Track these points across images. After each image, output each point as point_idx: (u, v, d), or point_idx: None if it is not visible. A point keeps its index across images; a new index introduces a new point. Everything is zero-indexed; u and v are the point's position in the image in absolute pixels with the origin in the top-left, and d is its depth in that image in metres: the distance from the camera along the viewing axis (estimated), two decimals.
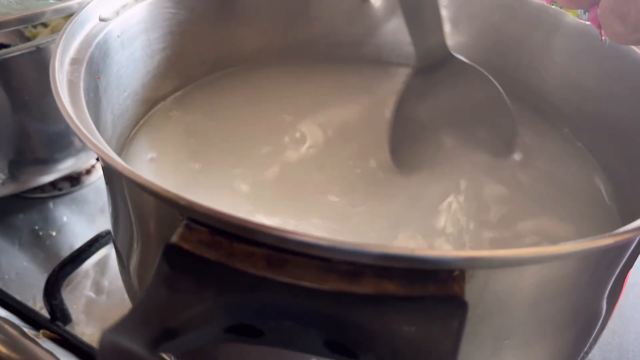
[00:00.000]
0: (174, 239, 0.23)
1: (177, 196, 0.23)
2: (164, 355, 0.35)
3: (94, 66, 0.35)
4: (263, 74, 0.48)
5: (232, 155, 0.42)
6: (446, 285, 0.22)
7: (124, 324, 0.19)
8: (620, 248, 0.28)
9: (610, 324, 0.35)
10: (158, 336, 0.20)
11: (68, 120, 0.27)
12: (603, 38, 0.29)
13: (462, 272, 0.22)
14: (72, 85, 0.31)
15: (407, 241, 0.35)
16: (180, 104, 0.46)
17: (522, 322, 0.27)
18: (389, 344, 0.21)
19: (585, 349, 0.33)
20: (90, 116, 0.30)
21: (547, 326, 0.29)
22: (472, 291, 0.23)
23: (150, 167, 0.41)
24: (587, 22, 0.42)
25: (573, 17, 0.42)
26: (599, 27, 0.28)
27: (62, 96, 0.29)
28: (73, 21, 0.35)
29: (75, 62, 0.33)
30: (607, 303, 0.31)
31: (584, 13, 0.32)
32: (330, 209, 0.38)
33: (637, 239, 0.28)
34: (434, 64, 0.41)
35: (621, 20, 0.26)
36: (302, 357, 0.28)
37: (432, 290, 0.22)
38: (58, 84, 0.29)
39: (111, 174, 0.31)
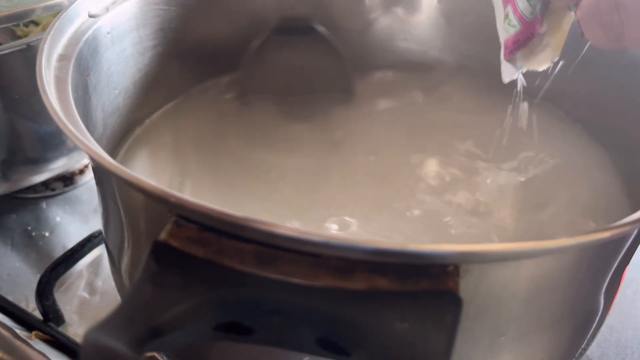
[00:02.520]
0: (162, 236, 0.23)
1: (165, 192, 0.22)
2: (156, 355, 0.35)
3: (82, 63, 0.35)
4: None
5: (231, 159, 0.42)
6: (440, 280, 0.21)
7: (109, 323, 0.19)
8: (617, 242, 0.28)
9: (608, 320, 0.34)
10: (144, 335, 0.19)
11: (54, 116, 0.26)
12: (584, 36, 0.28)
13: (456, 267, 0.22)
14: (59, 81, 0.31)
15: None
16: (176, 105, 0.46)
17: (518, 317, 0.27)
18: (381, 340, 0.20)
19: (583, 345, 0.33)
20: (79, 114, 0.29)
21: (544, 322, 0.28)
22: (466, 286, 0.23)
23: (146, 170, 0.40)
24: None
25: None
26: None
27: (48, 92, 0.28)
28: (61, 17, 0.34)
29: (63, 58, 0.33)
30: (605, 298, 0.31)
31: (574, 6, 0.31)
32: None
33: (635, 232, 0.28)
34: (295, 29, 0.47)
35: (602, 29, 0.25)
36: (294, 357, 0.28)
37: (425, 285, 0.21)
38: (45, 80, 0.29)
39: (100, 172, 0.31)
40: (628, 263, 0.31)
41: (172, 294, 0.21)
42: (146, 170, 0.41)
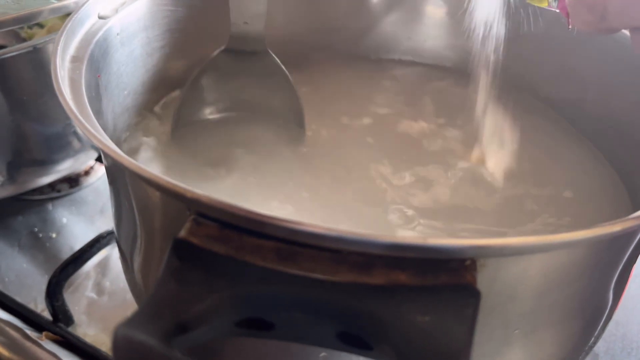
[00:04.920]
0: (183, 234, 0.23)
1: (186, 190, 0.23)
2: None
3: (94, 64, 0.35)
4: None
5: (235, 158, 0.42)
6: (458, 274, 0.22)
7: (137, 319, 0.19)
8: (627, 236, 0.29)
9: (614, 315, 0.35)
10: (171, 330, 0.20)
11: (71, 117, 0.27)
12: (570, 27, 0.29)
13: (474, 261, 0.22)
14: (73, 82, 0.31)
15: None
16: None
17: (530, 311, 0.27)
18: (403, 334, 0.21)
19: (592, 339, 0.33)
20: (93, 114, 0.30)
21: (556, 316, 0.29)
22: (483, 280, 0.23)
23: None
24: (557, 10, 0.42)
25: None
26: (567, 15, 0.29)
27: (64, 93, 0.28)
28: (73, 19, 0.35)
29: (75, 59, 0.33)
30: (614, 293, 0.32)
31: (554, 1, 0.32)
32: None
33: None
34: (246, 51, 0.41)
35: (588, 10, 0.27)
36: (310, 352, 0.28)
37: (444, 279, 0.22)
38: (60, 81, 0.29)
39: (115, 170, 0.31)
40: (637, 258, 0.32)
41: (196, 291, 0.21)
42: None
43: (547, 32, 0.44)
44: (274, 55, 0.42)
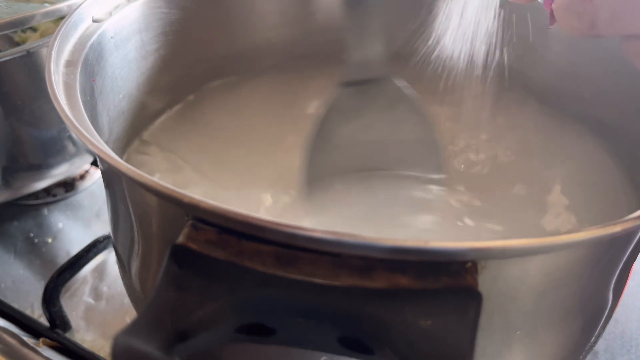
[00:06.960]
0: (181, 239, 0.23)
1: (183, 195, 0.22)
2: None
3: (88, 68, 0.34)
4: (263, 76, 0.48)
5: (235, 166, 0.42)
6: (459, 277, 0.22)
7: (136, 327, 0.19)
8: (627, 236, 0.28)
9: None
10: (170, 338, 0.20)
11: (67, 122, 0.26)
12: (550, 27, 0.29)
13: (475, 264, 0.22)
14: (68, 87, 0.31)
15: None
16: (179, 109, 0.46)
17: (531, 312, 0.27)
18: (405, 337, 0.20)
19: (592, 339, 0.33)
20: (88, 119, 0.29)
21: (556, 316, 0.29)
22: (484, 282, 0.23)
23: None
24: (540, 1, 0.42)
25: None
26: (550, 11, 0.28)
27: (59, 98, 0.28)
28: (66, 22, 0.34)
29: (70, 64, 0.33)
30: (614, 292, 0.31)
31: None
32: None
33: None
34: (367, 81, 0.36)
35: (577, 17, 0.26)
36: (311, 357, 0.28)
37: (445, 282, 0.21)
38: (55, 86, 0.29)
39: (112, 175, 0.31)
40: (636, 258, 0.32)
41: (195, 297, 0.21)
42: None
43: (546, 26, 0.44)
44: (398, 82, 0.36)
